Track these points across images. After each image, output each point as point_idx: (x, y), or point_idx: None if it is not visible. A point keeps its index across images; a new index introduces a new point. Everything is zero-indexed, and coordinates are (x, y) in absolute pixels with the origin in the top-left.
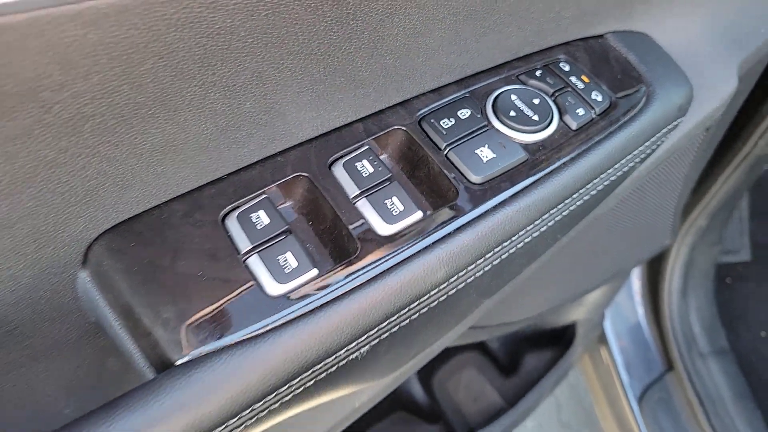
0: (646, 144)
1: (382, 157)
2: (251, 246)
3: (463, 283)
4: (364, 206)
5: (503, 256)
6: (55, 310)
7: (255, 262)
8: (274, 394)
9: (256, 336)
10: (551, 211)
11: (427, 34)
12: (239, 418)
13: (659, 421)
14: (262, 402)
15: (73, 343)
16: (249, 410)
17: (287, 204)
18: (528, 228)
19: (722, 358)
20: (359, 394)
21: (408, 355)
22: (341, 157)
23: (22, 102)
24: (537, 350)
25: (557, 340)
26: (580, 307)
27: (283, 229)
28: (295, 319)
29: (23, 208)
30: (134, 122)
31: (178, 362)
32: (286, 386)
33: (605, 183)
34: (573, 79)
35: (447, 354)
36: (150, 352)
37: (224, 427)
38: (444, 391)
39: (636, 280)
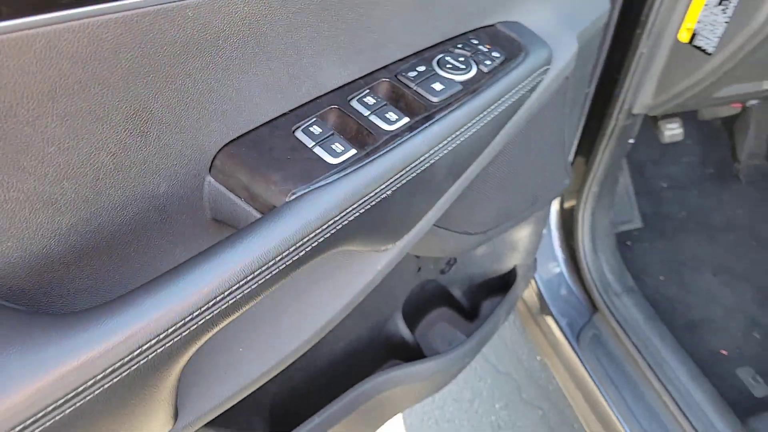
0: (529, 79)
1: (378, 95)
2: (314, 143)
3: (438, 157)
4: (373, 119)
5: (458, 142)
6: (190, 206)
7: (318, 150)
8: (344, 213)
9: (327, 184)
10: (480, 115)
11: (395, 21)
12: (327, 227)
13: (595, 353)
14: (340, 216)
15: (198, 234)
16: (332, 221)
17: (329, 123)
18: (468, 125)
19: (632, 294)
20: (379, 258)
21: (409, 219)
22: (354, 96)
23: (207, 47)
24: (491, 297)
25: (505, 287)
26: (517, 253)
27: (330, 133)
28: (347, 175)
29: (193, 120)
30: (253, 65)
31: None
32: (351, 208)
33: (509, 102)
34: (481, 47)
35: (423, 312)
36: (262, 208)
37: (318, 232)
38: (425, 342)
39: (557, 246)
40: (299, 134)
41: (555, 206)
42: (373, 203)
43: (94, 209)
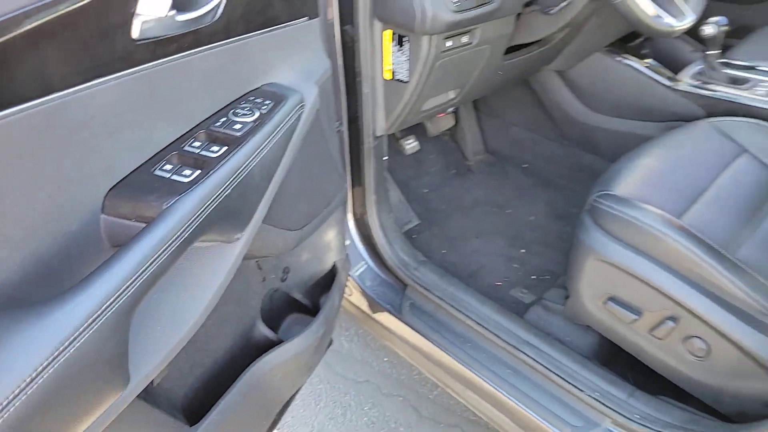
0: (293, 112)
1: (201, 140)
2: (169, 174)
3: (251, 166)
4: (203, 152)
5: (261, 156)
6: (95, 239)
7: (175, 177)
8: (204, 209)
9: (187, 193)
10: (269, 138)
11: (199, 94)
12: (195, 219)
13: (416, 316)
14: (201, 211)
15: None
16: (197, 215)
17: (175, 161)
18: (263, 144)
19: (426, 264)
20: (235, 246)
21: (246, 212)
22: (185, 144)
23: (87, 125)
24: (324, 292)
25: (332, 281)
26: (331, 252)
27: (180, 166)
28: (198, 186)
29: (86, 174)
30: (117, 133)
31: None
32: (207, 205)
33: (285, 128)
34: (257, 100)
35: (278, 320)
36: (148, 221)
37: (189, 223)
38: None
39: (362, 249)
40: (158, 172)
41: (351, 219)
42: (220, 200)
43: (36, 245)
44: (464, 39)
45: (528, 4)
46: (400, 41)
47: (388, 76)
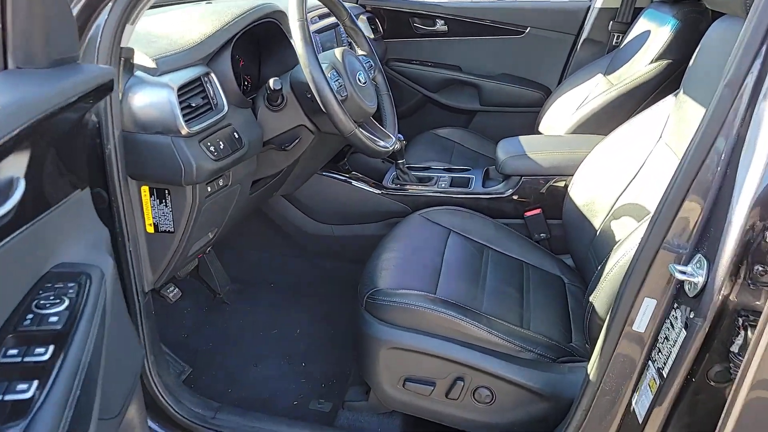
0: (102, 289)
1: (15, 345)
2: (1, 396)
3: (88, 357)
4: (28, 359)
5: (93, 343)
6: None
7: (9, 396)
8: (62, 420)
9: (37, 411)
10: (93, 321)
11: (6, 291)
12: None
13: None
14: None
15: None
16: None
17: None
18: (92, 329)
19: (220, 409)
20: None
21: (90, 412)
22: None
23: None
24: None
25: None
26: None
27: (7, 382)
28: (46, 398)
29: None
30: None
31: None
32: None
33: (100, 307)
34: (56, 285)
35: None
36: None
37: None
38: None
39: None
40: None
41: None
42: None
43: None
44: (221, 182)
45: (265, 143)
46: (159, 195)
47: (151, 229)
